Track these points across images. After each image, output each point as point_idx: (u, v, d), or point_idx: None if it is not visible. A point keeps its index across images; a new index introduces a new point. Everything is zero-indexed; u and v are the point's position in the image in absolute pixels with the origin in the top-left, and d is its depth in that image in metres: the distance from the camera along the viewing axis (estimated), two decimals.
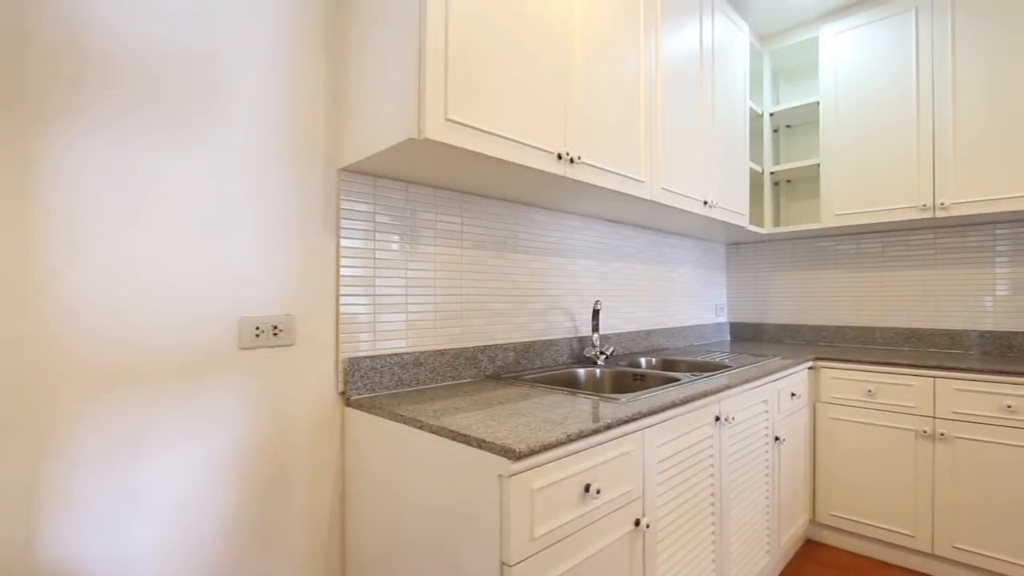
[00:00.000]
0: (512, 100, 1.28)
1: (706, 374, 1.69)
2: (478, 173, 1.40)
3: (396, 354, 1.43)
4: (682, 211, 1.99)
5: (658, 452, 1.27)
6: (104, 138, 1.00)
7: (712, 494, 1.51)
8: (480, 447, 0.94)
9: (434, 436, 1.05)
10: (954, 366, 1.94)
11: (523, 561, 0.91)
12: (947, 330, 2.43)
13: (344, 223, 1.34)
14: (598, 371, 1.87)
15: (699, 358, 2.13)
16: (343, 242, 1.34)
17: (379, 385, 1.39)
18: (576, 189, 1.59)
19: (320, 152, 1.31)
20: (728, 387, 1.56)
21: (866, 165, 2.37)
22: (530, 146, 1.32)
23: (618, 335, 2.27)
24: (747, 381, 1.67)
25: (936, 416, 1.98)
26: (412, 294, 1.49)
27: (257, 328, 1.19)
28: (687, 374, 1.67)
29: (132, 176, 1.03)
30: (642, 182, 1.72)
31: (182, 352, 1.09)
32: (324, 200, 1.32)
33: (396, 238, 1.45)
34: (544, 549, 0.95)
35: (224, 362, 1.15)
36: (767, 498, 1.86)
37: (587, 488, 1.03)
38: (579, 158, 1.44)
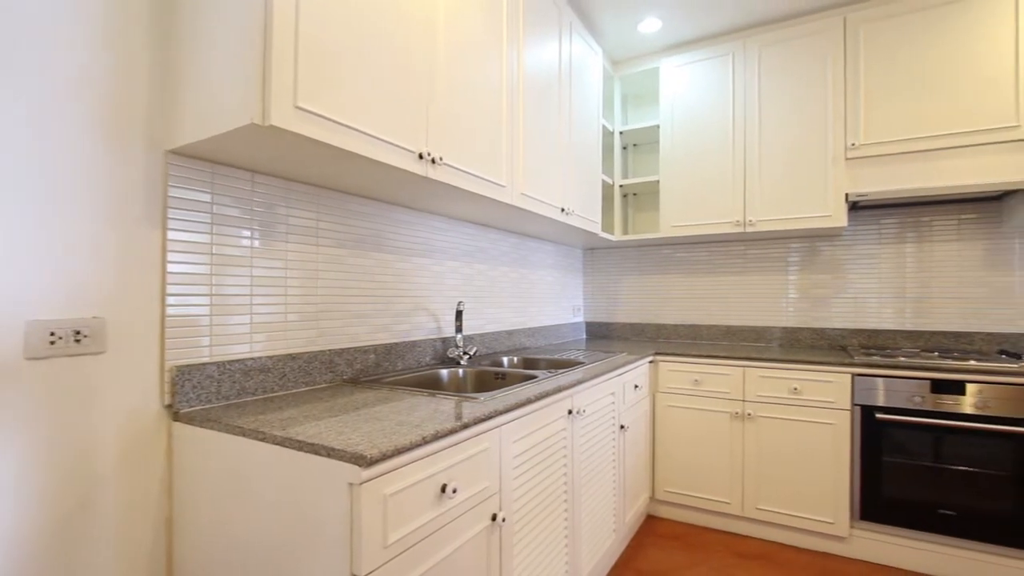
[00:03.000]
0: (372, 94, 1.24)
1: (561, 371, 1.80)
2: (335, 168, 1.33)
3: (239, 360, 1.30)
4: (541, 216, 2.10)
5: (515, 447, 1.32)
6: None
7: (565, 483, 1.61)
8: (329, 456, 0.89)
9: (279, 448, 0.98)
10: (757, 356, 2.32)
11: (375, 570, 0.88)
12: (755, 327, 2.89)
13: (173, 213, 1.18)
14: (461, 371, 1.89)
15: (557, 356, 2.26)
16: (171, 234, 1.18)
17: (217, 395, 1.25)
18: (439, 190, 1.59)
19: (141, 128, 1.14)
20: (580, 382, 1.68)
21: (696, 184, 2.73)
22: (390, 143, 1.29)
23: (482, 335, 2.31)
24: (597, 376, 1.82)
25: (745, 399, 2.34)
26: (259, 294, 1.37)
27: (52, 334, 1.00)
28: (545, 371, 1.77)
29: None
30: (503, 187, 1.78)
31: None
32: (146, 185, 1.15)
33: (239, 232, 1.32)
34: (398, 555, 0.93)
35: (3, 376, 0.94)
36: (614, 481, 2.03)
37: (443, 488, 1.04)
38: (441, 159, 1.45)
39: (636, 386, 2.31)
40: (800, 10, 2.46)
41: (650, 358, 2.51)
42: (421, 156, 1.38)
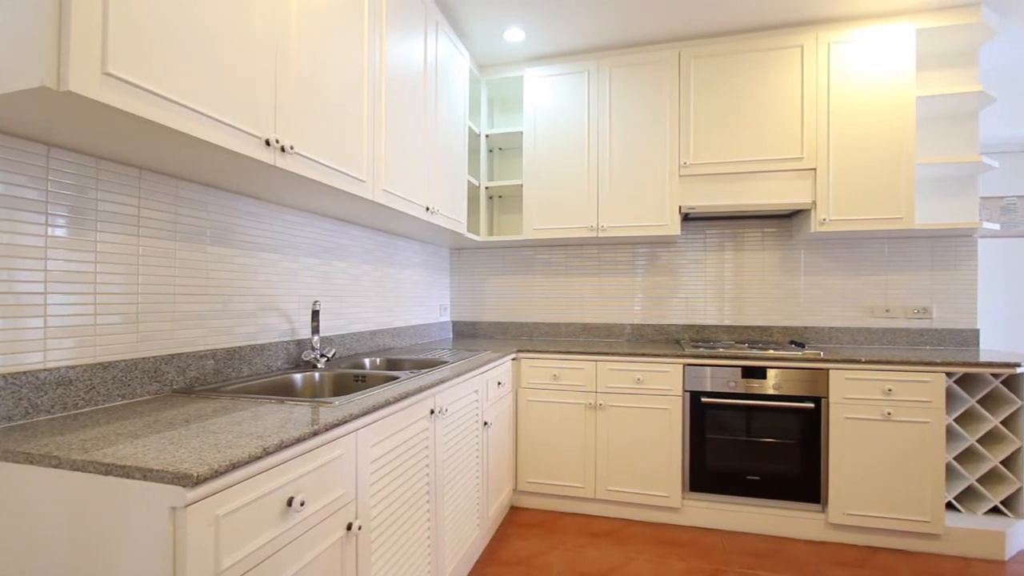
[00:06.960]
0: (209, 68, 1.10)
1: (425, 371, 1.78)
2: (159, 148, 1.16)
3: (27, 372, 1.07)
4: (405, 214, 2.06)
5: (372, 451, 1.28)
6: None
7: (428, 483, 1.60)
8: (146, 478, 0.77)
9: (81, 474, 0.82)
10: (608, 351, 2.53)
11: None
12: (608, 324, 3.15)
13: None
14: (317, 375, 1.78)
15: (421, 356, 2.24)
16: None
17: None
18: (290, 181, 1.48)
19: None
20: (443, 381, 1.68)
21: (555, 190, 2.89)
22: (230, 126, 1.16)
23: (342, 336, 2.20)
24: (461, 374, 1.83)
25: (597, 391, 2.54)
26: (57, 291, 1.14)
27: None
28: (408, 372, 1.73)
29: None
30: (363, 182, 1.71)
31: None
32: None
33: (27, 217, 1.09)
34: None
35: None
36: (478, 477, 2.07)
37: (290, 502, 0.96)
38: (292, 148, 1.34)
39: (499, 383, 2.37)
40: (644, 39, 2.74)
41: (513, 355, 2.60)
42: (268, 143, 1.27)
